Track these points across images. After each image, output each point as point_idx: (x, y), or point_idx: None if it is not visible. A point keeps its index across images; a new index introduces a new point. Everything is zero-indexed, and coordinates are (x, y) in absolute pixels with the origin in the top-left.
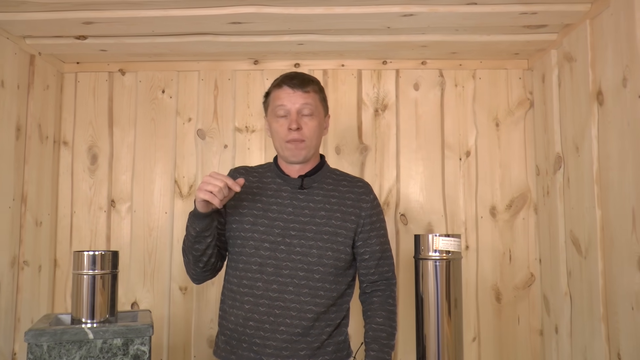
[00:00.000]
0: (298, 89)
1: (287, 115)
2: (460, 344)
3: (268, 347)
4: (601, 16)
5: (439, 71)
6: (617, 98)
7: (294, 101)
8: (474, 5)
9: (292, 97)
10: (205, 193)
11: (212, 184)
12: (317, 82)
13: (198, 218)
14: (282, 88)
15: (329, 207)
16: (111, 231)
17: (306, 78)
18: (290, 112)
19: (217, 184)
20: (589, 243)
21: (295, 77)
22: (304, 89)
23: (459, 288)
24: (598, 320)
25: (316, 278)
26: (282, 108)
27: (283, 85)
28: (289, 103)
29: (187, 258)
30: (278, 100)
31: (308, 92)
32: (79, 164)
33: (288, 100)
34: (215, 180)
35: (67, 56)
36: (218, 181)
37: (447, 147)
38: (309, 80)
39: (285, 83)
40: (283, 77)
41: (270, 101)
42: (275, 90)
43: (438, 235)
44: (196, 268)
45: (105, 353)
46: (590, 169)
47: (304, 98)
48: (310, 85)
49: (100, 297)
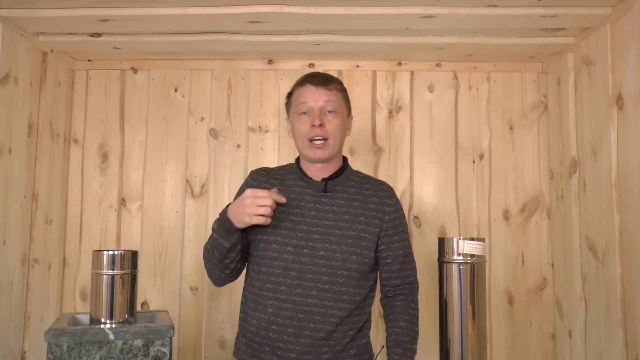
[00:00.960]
0: (321, 86)
1: (309, 113)
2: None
3: (291, 352)
4: (622, 20)
5: (453, 73)
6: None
7: (316, 98)
8: (494, 8)
9: (314, 95)
10: (257, 218)
11: (263, 207)
12: (340, 81)
13: (232, 232)
14: (305, 86)
15: (352, 210)
16: (121, 230)
17: (329, 77)
18: (313, 110)
19: (267, 204)
20: (607, 248)
21: (318, 75)
22: (327, 87)
23: (483, 292)
24: (616, 325)
25: (340, 282)
26: (305, 105)
27: (306, 83)
28: (312, 100)
29: (212, 264)
30: (301, 97)
31: (331, 89)
32: (89, 162)
33: (311, 98)
34: (262, 200)
35: (78, 53)
36: (266, 200)
37: (461, 149)
38: (332, 79)
39: (308, 81)
40: (306, 75)
41: (293, 100)
42: (298, 88)
43: (463, 239)
44: (222, 274)
45: (126, 354)
46: (608, 174)
47: (327, 95)
48: (334, 84)
49: (120, 297)
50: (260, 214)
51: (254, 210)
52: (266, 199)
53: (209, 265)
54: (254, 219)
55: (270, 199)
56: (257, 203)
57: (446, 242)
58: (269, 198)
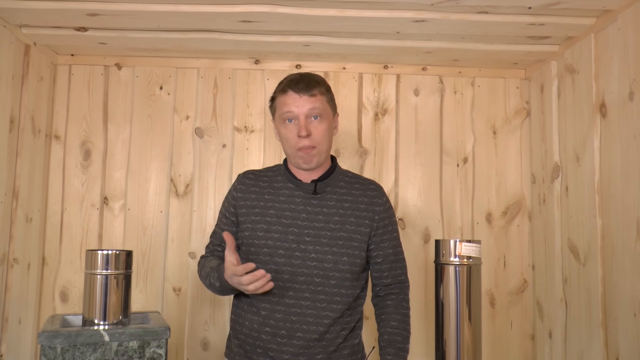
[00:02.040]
0: (304, 93)
1: (294, 121)
2: (480, 349)
3: (285, 353)
4: (607, 30)
5: (439, 77)
6: (623, 111)
7: (300, 106)
8: (485, 14)
9: (298, 102)
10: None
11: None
12: (323, 82)
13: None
14: (287, 93)
15: (343, 212)
16: (103, 229)
17: (311, 80)
18: (298, 117)
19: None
20: (589, 250)
21: (300, 81)
22: (310, 93)
23: (478, 294)
24: (597, 326)
25: (332, 284)
26: (289, 114)
27: (288, 90)
28: (296, 109)
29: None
30: (285, 106)
31: (314, 95)
32: (71, 159)
33: (295, 106)
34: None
35: (61, 47)
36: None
37: (445, 153)
38: (314, 83)
39: (291, 88)
40: (288, 81)
41: (277, 107)
42: (281, 95)
43: (460, 241)
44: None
45: (121, 356)
46: (591, 179)
47: (311, 102)
48: (317, 88)
49: (114, 297)
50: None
51: (243, 289)
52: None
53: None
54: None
55: (259, 282)
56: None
57: (443, 244)
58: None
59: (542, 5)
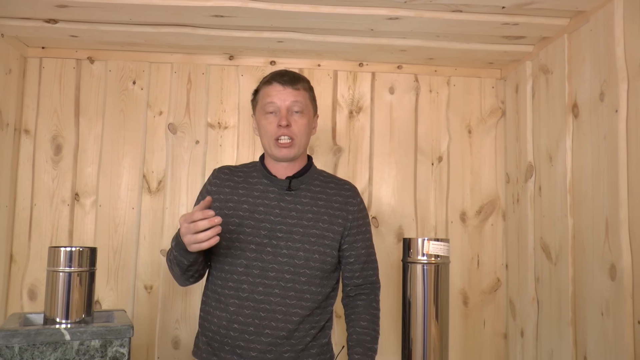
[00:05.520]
0: (288, 85)
1: (276, 112)
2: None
3: (252, 350)
4: (579, 31)
5: (414, 76)
6: (594, 111)
7: (284, 98)
8: (459, 13)
9: (282, 94)
10: (198, 246)
11: (201, 234)
12: (307, 80)
13: (188, 253)
14: (272, 85)
15: (316, 209)
16: (74, 226)
17: (296, 76)
18: (280, 109)
19: (202, 228)
20: (560, 250)
21: (286, 74)
22: (294, 86)
23: (446, 292)
24: (566, 325)
25: (302, 281)
26: (272, 105)
27: (273, 82)
28: (279, 100)
29: (175, 274)
30: (268, 97)
31: (298, 89)
32: (41, 154)
33: (278, 97)
34: (197, 226)
35: (32, 40)
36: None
37: (420, 151)
38: (299, 78)
39: (276, 80)
40: (273, 74)
41: (260, 98)
42: (265, 87)
43: (428, 239)
44: (186, 282)
45: (82, 355)
46: (563, 179)
47: (294, 95)
48: (301, 83)
49: (77, 295)
50: (201, 241)
51: (190, 238)
52: (199, 224)
53: (173, 274)
54: (193, 247)
55: (204, 224)
56: (194, 230)
57: (411, 242)
58: (203, 222)
59: (516, 5)
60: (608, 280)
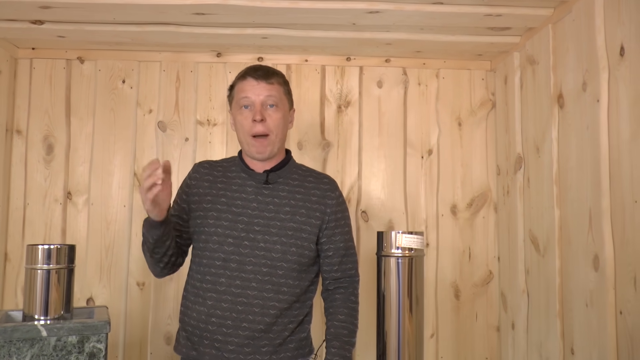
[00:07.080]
0: (262, 80)
1: (250, 107)
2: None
3: (230, 344)
4: (563, 21)
5: (402, 69)
6: (577, 101)
7: (257, 93)
8: (440, 5)
9: (255, 89)
10: (150, 195)
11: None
12: (281, 74)
13: (154, 227)
14: (246, 80)
15: (294, 203)
16: (67, 224)
17: (270, 70)
18: (255, 104)
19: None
20: (547, 242)
21: (260, 69)
22: (268, 81)
23: (421, 285)
24: (554, 317)
25: (279, 274)
26: (246, 99)
27: (247, 77)
28: (253, 94)
29: (146, 257)
30: (242, 92)
31: (272, 83)
32: (33, 154)
33: (252, 92)
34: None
35: (21, 41)
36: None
37: (410, 145)
38: (273, 72)
39: (249, 74)
40: (247, 69)
41: (235, 94)
42: (240, 82)
43: (401, 233)
44: (157, 267)
45: (60, 351)
46: (550, 170)
47: (267, 90)
48: (275, 77)
49: (55, 292)
50: (148, 187)
51: (143, 193)
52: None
53: (146, 259)
54: (148, 198)
55: (149, 167)
56: (145, 182)
57: (385, 235)
58: (153, 172)
59: None
60: (592, 271)
